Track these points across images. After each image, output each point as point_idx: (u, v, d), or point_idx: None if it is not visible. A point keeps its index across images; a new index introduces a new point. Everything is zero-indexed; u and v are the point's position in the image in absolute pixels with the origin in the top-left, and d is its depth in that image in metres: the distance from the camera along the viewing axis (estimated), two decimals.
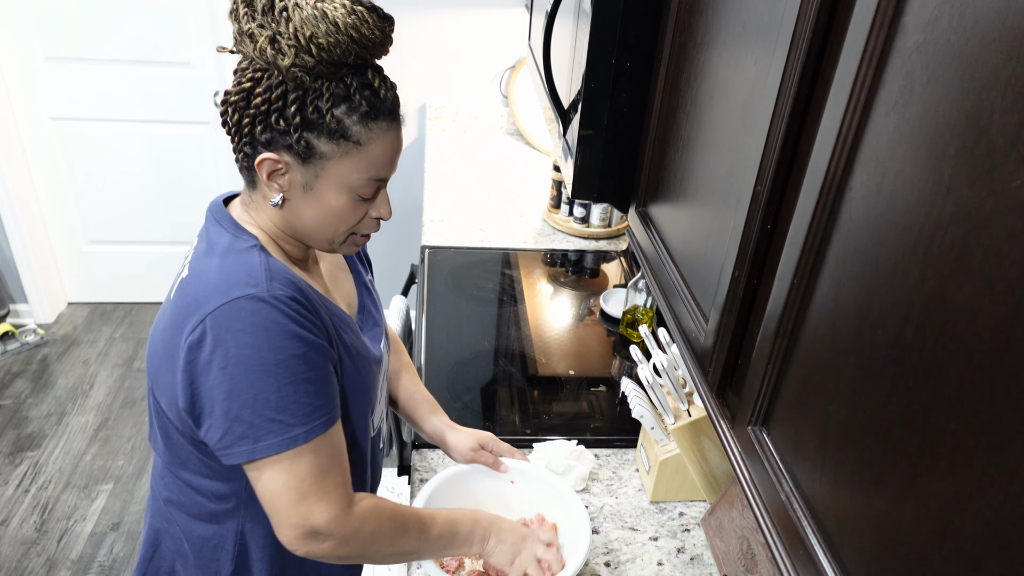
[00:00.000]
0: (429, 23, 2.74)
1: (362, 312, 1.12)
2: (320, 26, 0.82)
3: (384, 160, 0.92)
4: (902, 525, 0.48)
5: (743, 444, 0.73)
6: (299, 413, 0.87)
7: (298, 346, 0.87)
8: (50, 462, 2.56)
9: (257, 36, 0.83)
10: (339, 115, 0.87)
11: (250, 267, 0.89)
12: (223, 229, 0.94)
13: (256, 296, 0.86)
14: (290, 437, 0.87)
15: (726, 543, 1.20)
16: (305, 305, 0.89)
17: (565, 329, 1.86)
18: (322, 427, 0.90)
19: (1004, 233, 0.40)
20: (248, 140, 0.89)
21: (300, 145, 0.87)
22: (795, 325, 0.63)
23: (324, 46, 0.82)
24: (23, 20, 2.68)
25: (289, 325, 0.87)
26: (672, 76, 0.95)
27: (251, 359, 0.85)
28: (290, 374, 0.86)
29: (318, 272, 1.06)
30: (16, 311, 3.17)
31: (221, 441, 0.88)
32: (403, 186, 2.98)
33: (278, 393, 0.86)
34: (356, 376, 1.01)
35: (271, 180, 0.90)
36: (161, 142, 2.96)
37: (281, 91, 0.86)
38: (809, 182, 0.60)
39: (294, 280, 0.91)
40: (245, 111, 0.88)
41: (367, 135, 0.88)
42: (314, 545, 0.91)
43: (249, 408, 0.86)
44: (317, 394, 0.89)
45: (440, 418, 1.27)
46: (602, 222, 2.25)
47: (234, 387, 0.86)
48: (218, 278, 0.88)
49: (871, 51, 0.52)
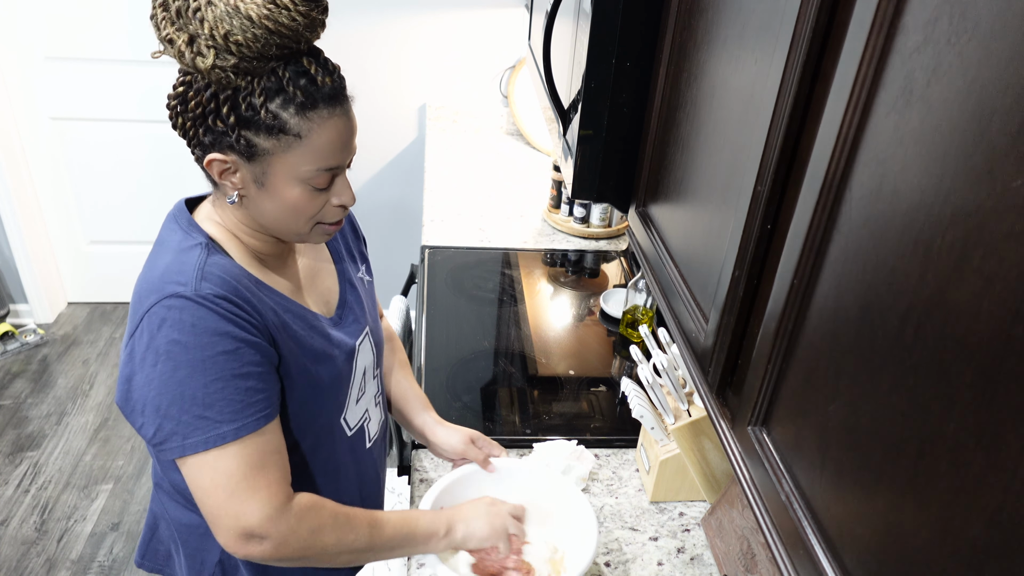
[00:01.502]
0: (429, 23, 2.74)
1: (342, 308, 1.10)
2: (234, 22, 0.79)
3: (331, 149, 0.89)
4: (902, 525, 0.48)
5: (743, 444, 0.73)
6: (227, 410, 0.87)
7: (227, 343, 0.86)
8: (50, 462, 2.56)
9: (176, 40, 0.81)
10: (274, 109, 0.84)
11: (184, 266, 0.89)
12: (176, 227, 0.95)
13: (183, 295, 0.86)
14: (218, 434, 0.87)
15: (726, 543, 1.20)
16: (236, 304, 0.88)
17: (565, 329, 1.86)
18: (253, 424, 0.89)
19: (1004, 233, 0.40)
20: (195, 142, 0.89)
21: (241, 144, 0.86)
22: (795, 325, 0.63)
23: (241, 42, 0.80)
24: (23, 20, 2.68)
25: (218, 322, 0.86)
26: (672, 76, 0.95)
27: (178, 356, 0.85)
28: (217, 371, 0.86)
29: (293, 268, 1.05)
30: (16, 311, 3.17)
31: (154, 438, 0.88)
32: (403, 186, 2.98)
33: (204, 390, 0.86)
34: (316, 375, 0.99)
35: (223, 179, 0.90)
36: (161, 142, 2.96)
37: (211, 92, 0.84)
38: (809, 182, 0.60)
39: (230, 278, 0.90)
40: (185, 115, 0.87)
41: (307, 126, 0.86)
42: (252, 547, 0.89)
43: (177, 405, 0.86)
44: (248, 391, 0.88)
45: (430, 414, 1.26)
46: (602, 222, 2.25)
47: (164, 384, 0.86)
48: (157, 276, 0.89)
49: (871, 51, 0.52)
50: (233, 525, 0.88)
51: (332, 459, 1.08)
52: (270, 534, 0.89)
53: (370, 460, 1.18)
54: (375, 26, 2.72)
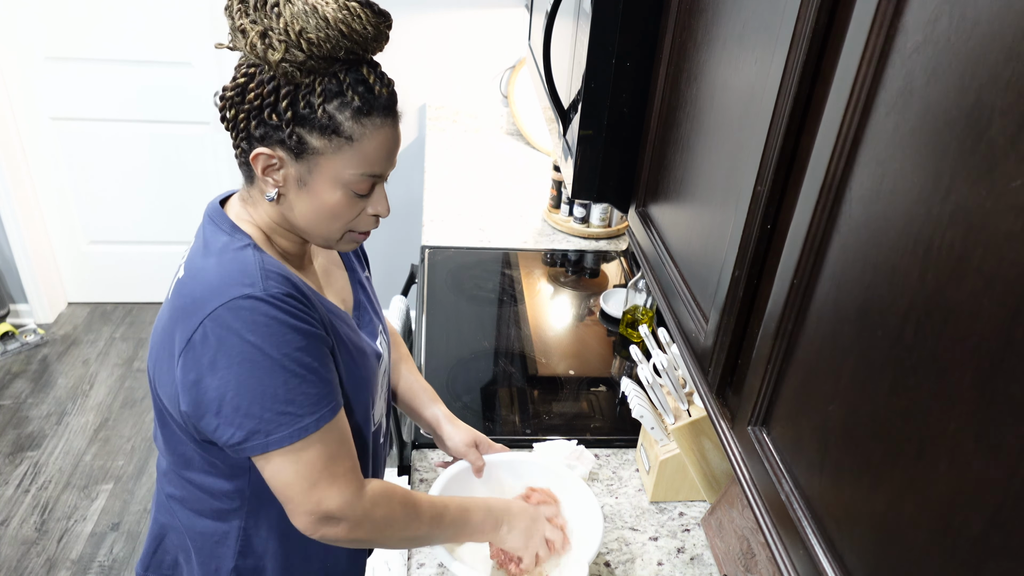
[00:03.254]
0: (429, 23, 2.74)
1: (358, 308, 1.13)
2: (310, 21, 0.83)
3: (378, 156, 0.92)
4: (902, 525, 0.48)
5: (743, 444, 0.73)
6: (307, 403, 0.89)
7: (299, 339, 0.88)
8: (50, 462, 2.56)
9: (249, 31, 0.84)
10: (331, 110, 0.87)
11: (245, 266, 0.90)
12: (219, 229, 0.95)
13: (253, 295, 0.87)
14: (301, 427, 0.89)
15: (726, 543, 1.20)
16: (301, 300, 0.90)
17: (565, 329, 1.86)
18: (330, 414, 0.91)
19: (1004, 233, 0.40)
20: (244, 135, 0.90)
21: (292, 140, 0.88)
22: (795, 325, 0.63)
23: (314, 41, 0.83)
24: (23, 19, 2.68)
25: (288, 320, 0.88)
26: (672, 76, 0.95)
27: (255, 357, 0.86)
28: (295, 367, 0.88)
29: (312, 270, 1.07)
30: (16, 311, 3.17)
31: (233, 438, 0.89)
32: (403, 186, 2.98)
33: (285, 386, 0.88)
34: (355, 370, 1.02)
35: (266, 175, 0.92)
36: (161, 142, 2.96)
37: (273, 86, 0.87)
38: (809, 182, 0.60)
39: (288, 276, 0.92)
40: (240, 106, 0.89)
41: (360, 131, 0.89)
42: (328, 529, 0.93)
43: (258, 404, 0.87)
44: (322, 383, 0.91)
45: (440, 407, 1.27)
46: (602, 222, 2.25)
47: (241, 385, 0.87)
48: (215, 278, 0.89)
49: (871, 51, 0.52)
50: (314, 510, 0.91)
51: (364, 454, 1.10)
52: (347, 517, 0.93)
53: (383, 455, 1.22)
54: None
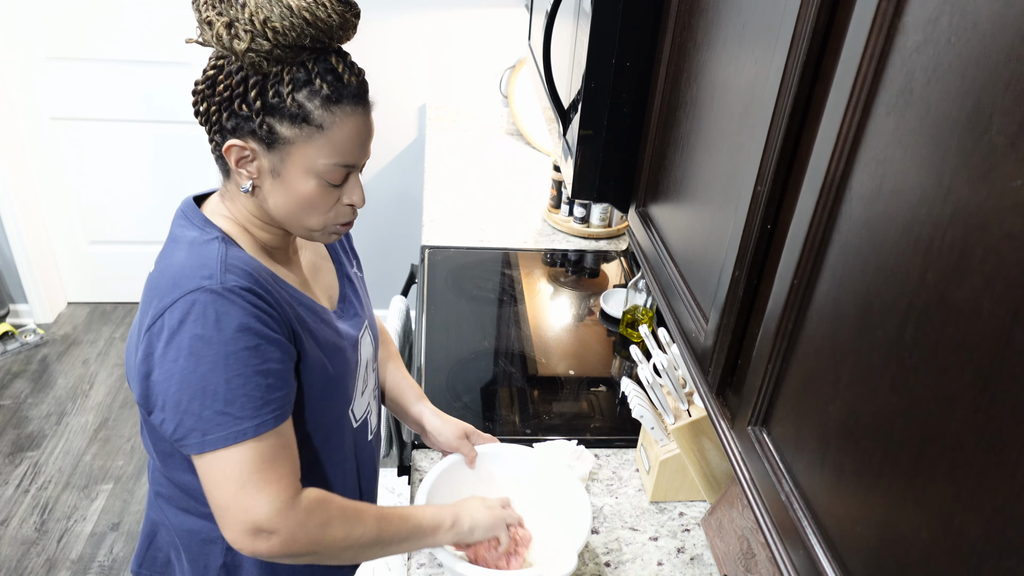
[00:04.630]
0: (429, 23, 2.74)
1: (343, 302, 1.12)
2: (274, 9, 0.83)
3: (350, 145, 0.92)
4: (902, 525, 0.48)
5: (743, 444, 0.73)
6: (248, 407, 0.87)
7: (250, 338, 0.87)
8: (50, 462, 2.56)
9: (215, 23, 0.84)
10: (300, 99, 0.87)
11: (206, 259, 0.89)
12: (190, 223, 0.95)
13: (208, 288, 0.86)
14: (238, 431, 0.87)
15: (726, 543, 1.20)
16: (261, 296, 0.89)
17: (565, 329, 1.86)
18: (272, 422, 0.89)
19: (1004, 233, 0.40)
20: (216, 128, 0.90)
21: (263, 130, 0.88)
22: (795, 325, 0.63)
23: (279, 29, 0.83)
24: (23, 19, 2.68)
25: (242, 317, 0.86)
26: (672, 76, 0.95)
27: (201, 351, 0.85)
28: (240, 366, 0.86)
29: (297, 262, 1.06)
30: (16, 311, 3.17)
31: (175, 433, 0.88)
32: (403, 186, 2.98)
33: (227, 386, 0.86)
34: (328, 367, 1.00)
35: (240, 167, 0.92)
36: (161, 142, 2.96)
37: (241, 76, 0.87)
38: (809, 182, 0.60)
39: (252, 271, 0.90)
40: (211, 99, 0.89)
41: (330, 119, 0.89)
42: (260, 543, 0.89)
43: (198, 401, 0.86)
44: (268, 388, 0.88)
45: (425, 404, 1.27)
46: (602, 222, 2.25)
47: (184, 380, 0.86)
48: (177, 271, 0.89)
49: (871, 51, 0.52)
50: (242, 519, 0.88)
51: (340, 451, 1.09)
52: (279, 529, 0.89)
53: (370, 453, 1.20)
54: (375, 26, 2.72)
